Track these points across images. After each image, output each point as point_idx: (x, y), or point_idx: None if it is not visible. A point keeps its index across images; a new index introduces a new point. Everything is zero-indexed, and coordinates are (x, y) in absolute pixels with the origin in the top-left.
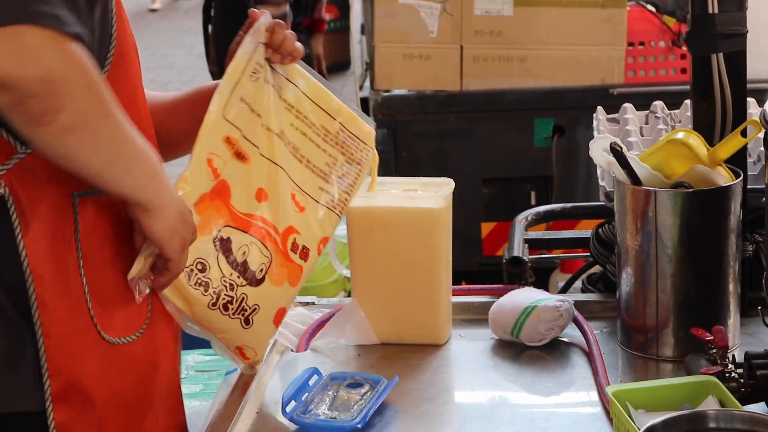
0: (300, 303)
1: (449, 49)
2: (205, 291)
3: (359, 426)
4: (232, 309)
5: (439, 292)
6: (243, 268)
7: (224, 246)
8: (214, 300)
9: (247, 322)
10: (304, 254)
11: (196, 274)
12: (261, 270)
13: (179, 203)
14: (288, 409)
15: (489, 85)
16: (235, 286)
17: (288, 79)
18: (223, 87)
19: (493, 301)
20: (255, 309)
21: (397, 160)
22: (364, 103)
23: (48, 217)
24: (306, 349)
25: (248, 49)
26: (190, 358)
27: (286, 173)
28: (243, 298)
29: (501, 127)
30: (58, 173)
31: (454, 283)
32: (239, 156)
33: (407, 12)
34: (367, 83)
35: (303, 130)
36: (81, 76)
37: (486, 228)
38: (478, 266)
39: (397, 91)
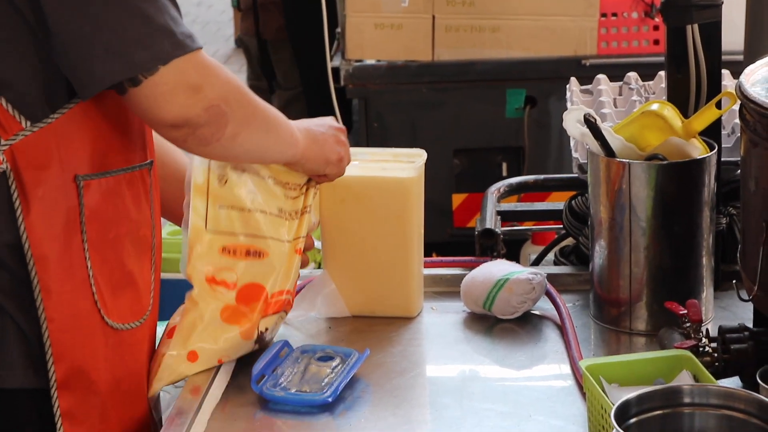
0: None
1: (421, 19)
2: None
3: (330, 400)
4: None
5: (410, 265)
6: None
7: (260, 338)
8: None
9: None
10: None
11: None
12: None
13: (317, 137)
14: (258, 382)
15: (461, 56)
16: None
17: None
18: (195, 205)
19: (465, 274)
20: None
21: (368, 130)
22: (335, 73)
23: (51, 198)
24: None
25: (203, 162)
26: None
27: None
28: None
29: (473, 97)
30: (64, 154)
31: (424, 255)
32: (253, 254)
33: None
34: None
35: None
36: (231, 87)
37: (457, 199)
38: (449, 237)
39: (368, 61)
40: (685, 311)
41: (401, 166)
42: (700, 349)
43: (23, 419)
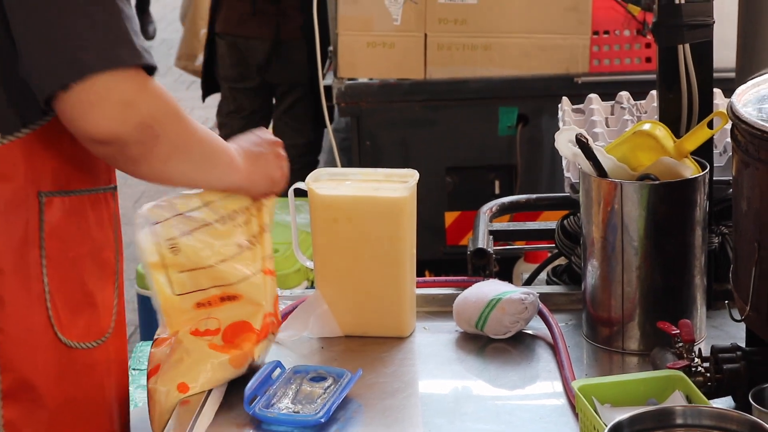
0: None
1: (413, 37)
2: None
3: (322, 420)
4: None
5: (403, 284)
6: None
7: (251, 364)
8: None
9: None
10: None
11: None
12: None
13: (258, 158)
14: (251, 403)
15: (453, 74)
16: None
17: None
18: (156, 279)
19: (458, 294)
20: None
21: (360, 148)
22: (327, 91)
23: (11, 210)
24: None
25: (148, 240)
26: None
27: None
28: None
29: (465, 115)
30: (29, 169)
31: (417, 273)
32: (229, 299)
33: (371, 0)
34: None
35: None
36: (168, 109)
37: (450, 217)
38: (442, 255)
39: (360, 80)
40: (678, 331)
41: (393, 186)
42: (693, 369)
43: None
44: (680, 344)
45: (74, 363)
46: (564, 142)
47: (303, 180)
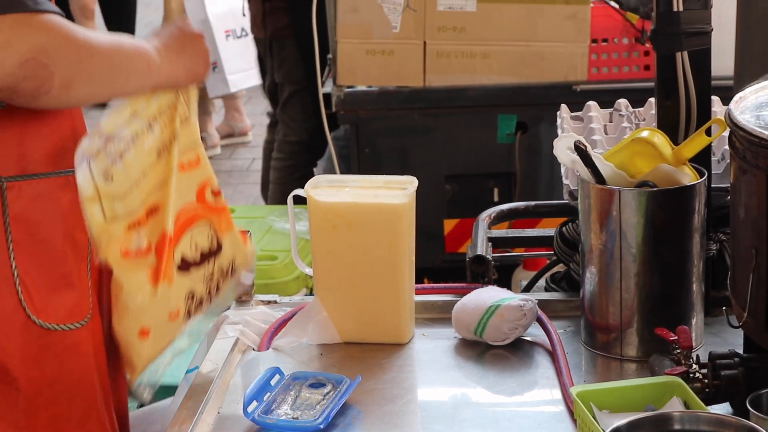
0: (262, 301)
1: (412, 45)
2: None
3: (321, 426)
4: None
5: (402, 291)
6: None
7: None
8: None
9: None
10: None
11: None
12: None
13: (179, 53)
14: (249, 409)
15: (452, 82)
16: None
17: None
18: (91, 212)
19: (457, 300)
20: None
21: (359, 156)
22: (327, 99)
23: None
24: (268, 348)
25: (85, 176)
26: None
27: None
28: None
29: (464, 123)
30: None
31: (416, 280)
32: (152, 213)
33: (370, 7)
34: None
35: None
36: (54, 37)
37: (449, 225)
38: (441, 263)
39: (359, 87)
40: (676, 337)
41: (393, 193)
42: (691, 375)
43: None
44: (678, 351)
45: (54, 345)
46: (563, 149)
47: (291, 179)
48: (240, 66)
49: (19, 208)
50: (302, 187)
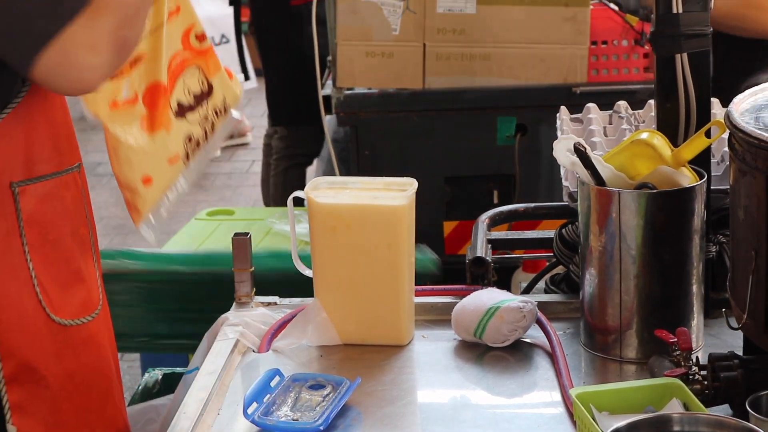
0: (262, 303)
1: (412, 47)
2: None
3: (321, 428)
4: None
5: (401, 293)
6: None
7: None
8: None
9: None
10: None
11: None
12: None
13: None
14: (249, 410)
15: (452, 84)
16: None
17: None
18: None
19: (456, 302)
20: None
21: (359, 158)
22: (326, 101)
23: None
24: (268, 350)
25: None
26: None
27: None
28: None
29: (463, 125)
30: (6, 160)
31: (416, 284)
32: (135, 62)
33: (370, 9)
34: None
35: None
36: (120, 13)
37: (448, 227)
38: (441, 265)
39: (359, 89)
40: (675, 339)
41: (392, 195)
42: (690, 377)
43: None
44: (678, 352)
45: (71, 339)
46: (562, 151)
47: (285, 179)
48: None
49: (30, 210)
50: (287, 180)
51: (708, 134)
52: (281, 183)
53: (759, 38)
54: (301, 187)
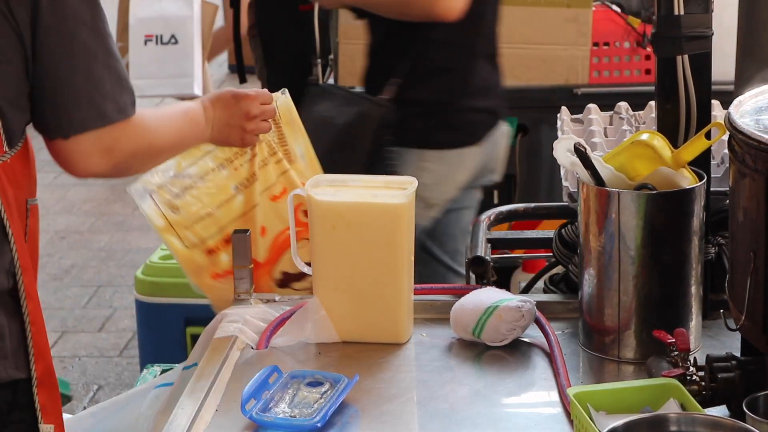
0: (261, 300)
1: None
2: None
3: (319, 425)
4: None
5: (401, 291)
6: None
7: None
8: None
9: None
10: None
11: None
12: None
13: (221, 131)
14: (247, 407)
15: None
16: None
17: None
18: (170, 242)
19: (455, 301)
20: None
21: None
22: None
23: (18, 217)
24: (266, 347)
25: (150, 208)
26: None
27: None
28: None
29: None
30: (25, 179)
31: (415, 283)
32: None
33: None
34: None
35: None
36: (141, 146)
37: None
38: None
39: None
40: (673, 340)
41: (392, 193)
42: (688, 377)
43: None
44: (676, 353)
45: None
46: (562, 151)
47: None
48: (151, 72)
49: (32, 226)
50: None
51: (708, 136)
52: None
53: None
54: None
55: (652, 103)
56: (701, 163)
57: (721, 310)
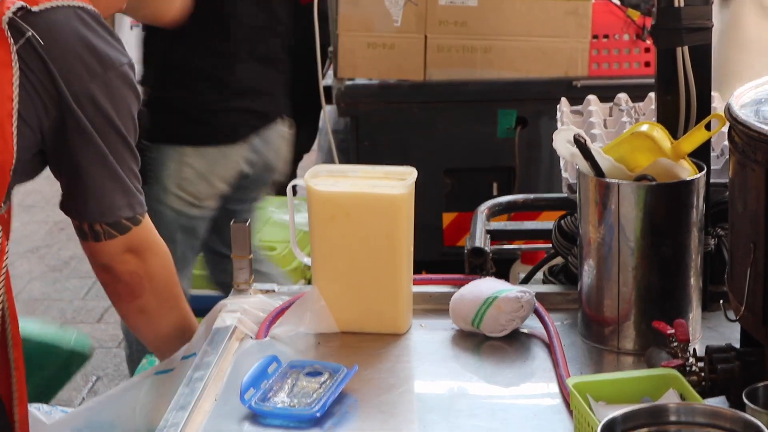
0: (260, 290)
1: (413, 39)
2: None
3: (318, 415)
4: None
5: (400, 281)
6: None
7: None
8: None
9: None
10: None
11: None
12: None
13: None
14: (246, 396)
15: (452, 76)
16: None
17: None
18: None
19: (454, 292)
20: None
21: (358, 149)
22: (327, 92)
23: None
24: (265, 337)
25: None
26: None
27: None
28: None
29: (464, 117)
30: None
31: (414, 273)
32: None
33: (371, 0)
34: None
35: None
36: (166, 277)
37: (447, 218)
38: (439, 256)
39: (360, 80)
40: (673, 331)
41: (392, 184)
42: (687, 368)
43: None
44: (675, 344)
45: None
46: (562, 142)
47: None
48: (136, 58)
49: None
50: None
51: (708, 127)
52: None
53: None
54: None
55: (652, 94)
56: (701, 155)
57: (721, 302)
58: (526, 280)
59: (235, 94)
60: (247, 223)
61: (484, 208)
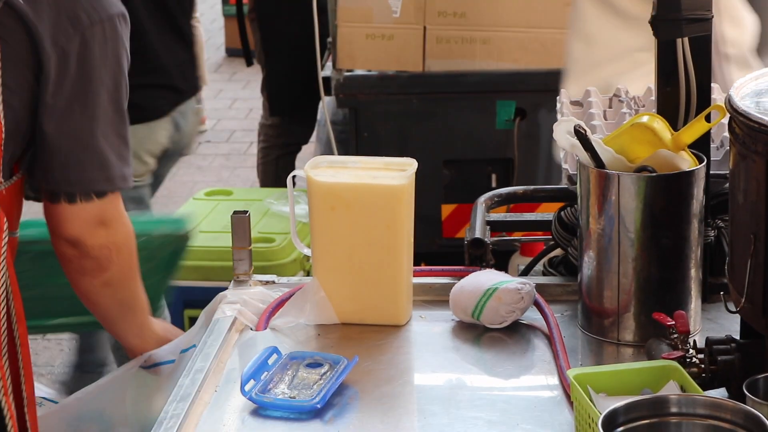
0: (260, 282)
1: (412, 30)
2: None
3: (318, 406)
4: None
5: (400, 273)
6: None
7: None
8: None
9: None
10: None
11: None
12: None
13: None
14: (247, 388)
15: (451, 67)
16: None
17: None
18: None
19: (454, 283)
20: None
21: (357, 140)
22: (326, 83)
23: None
24: (265, 328)
25: None
26: None
27: None
28: None
29: (463, 108)
30: (14, 211)
31: (414, 265)
32: None
33: None
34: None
35: None
36: (131, 248)
37: (446, 210)
38: (438, 248)
39: (359, 71)
40: (673, 322)
41: (391, 174)
42: (688, 360)
43: None
44: (675, 335)
45: None
46: (562, 133)
47: (266, 161)
48: None
49: (8, 257)
50: (279, 169)
51: (708, 118)
52: (274, 171)
53: None
54: (279, 168)
55: (652, 85)
56: (701, 146)
57: (721, 293)
58: (525, 272)
59: (152, 70)
60: (247, 215)
61: (484, 199)
